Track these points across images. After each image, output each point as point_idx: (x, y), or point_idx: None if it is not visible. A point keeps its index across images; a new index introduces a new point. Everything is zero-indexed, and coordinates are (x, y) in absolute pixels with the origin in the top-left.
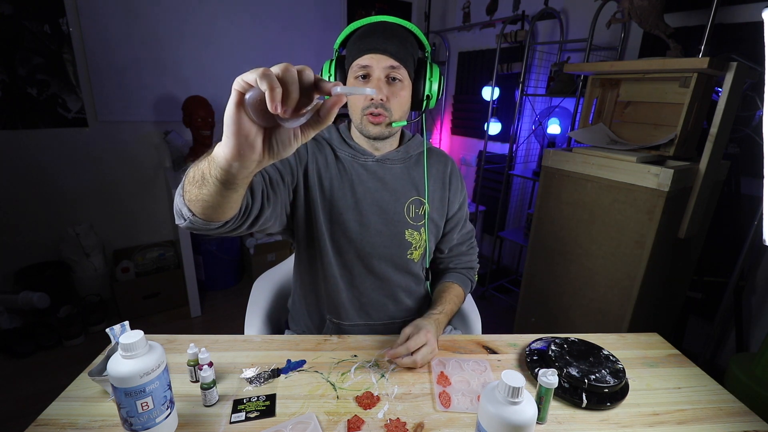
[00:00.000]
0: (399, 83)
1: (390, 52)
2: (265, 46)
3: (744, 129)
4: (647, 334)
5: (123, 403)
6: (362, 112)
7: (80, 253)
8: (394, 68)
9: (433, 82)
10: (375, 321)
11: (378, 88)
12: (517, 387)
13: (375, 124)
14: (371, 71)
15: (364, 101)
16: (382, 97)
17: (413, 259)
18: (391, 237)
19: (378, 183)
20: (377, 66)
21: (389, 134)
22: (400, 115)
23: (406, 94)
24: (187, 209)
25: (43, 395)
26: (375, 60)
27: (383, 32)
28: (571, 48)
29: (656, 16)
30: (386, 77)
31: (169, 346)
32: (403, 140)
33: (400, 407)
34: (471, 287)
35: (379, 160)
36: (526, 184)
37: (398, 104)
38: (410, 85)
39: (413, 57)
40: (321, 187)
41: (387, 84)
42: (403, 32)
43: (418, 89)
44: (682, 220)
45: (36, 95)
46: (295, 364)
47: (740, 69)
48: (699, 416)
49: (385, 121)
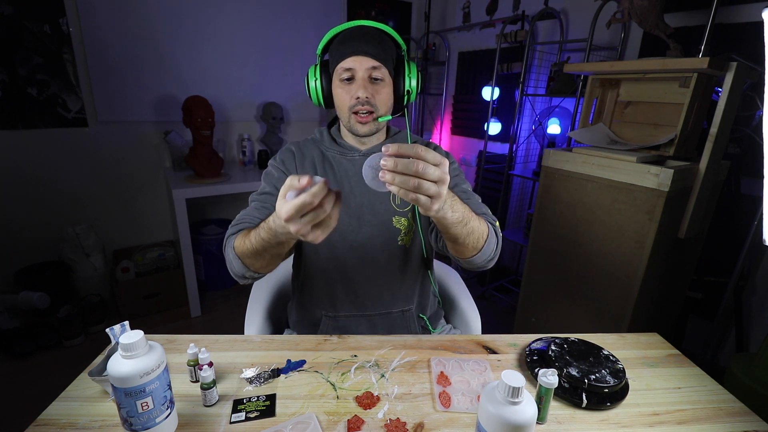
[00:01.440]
0: (381, 82)
1: (371, 54)
2: (266, 46)
3: (744, 129)
4: (647, 334)
5: (123, 403)
6: (349, 111)
7: (80, 253)
8: (376, 68)
9: (411, 78)
10: (371, 312)
11: (363, 88)
12: (517, 387)
13: (363, 123)
14: (355, 73)
15: (350, 100)
16: (367, 95)
17: (405, 244)
18: (380, 225)
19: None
20: (360, 67)
21: (377, 130)
22: (385, 110)
23: (388, 91)
24: (251, 272)
25: (43, 395)
26: (358, 62)
27: (363, 36)
28: (571, 48)
29: (656, 16)
30: (369, 77)
31: (169, 346)
32: (389, 134)
33: (400, 407)
34: (495, 232)
35: (366, 154)
36: (526, 184)
37: (382, 101)
38: (391, 83)
39: (392, 56)
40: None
41: (370, 83)
42: (380, 34)
43: (399, 86)
44: (682, 220)
45: (36, 95)
46: (295, 364)
47: (740, 69)
48: (699, 416)
49: (372, 117)
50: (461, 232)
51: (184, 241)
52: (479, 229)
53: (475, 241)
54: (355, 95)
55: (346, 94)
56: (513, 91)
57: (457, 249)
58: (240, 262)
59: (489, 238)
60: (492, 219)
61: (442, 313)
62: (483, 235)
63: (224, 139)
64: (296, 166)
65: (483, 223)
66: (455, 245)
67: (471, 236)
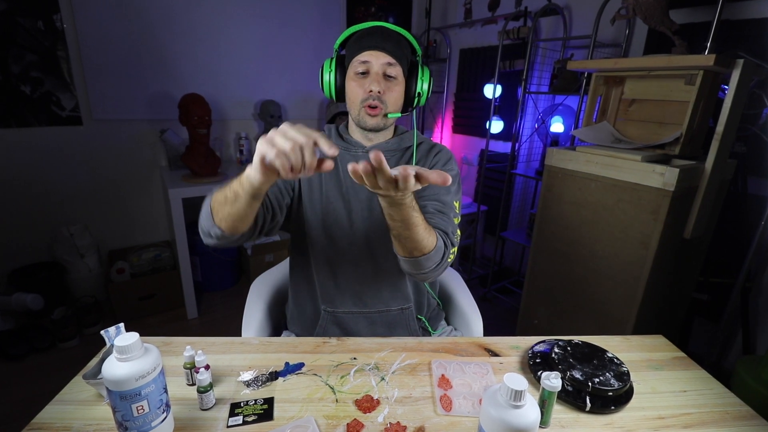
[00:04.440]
0: (394, 80)
1: (387, 50)
2: (263, 42)
3: (751, 127)
4: (652, 337)
5: (118, 407)
6: (361, 104)
7: (74, 254)
8: (391, 65)
9: (423, 81)
10: (371, 309)
11: (376, 82)
12: (520, 390)
13: (372, 116)
14: (370, 67)
15: (363, 94)
16: (380, 89)
17: None
18: (379, 222)
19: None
20: (376, 62)
21: (384, 126)
22: (395, 108)
23: (400, 89)
24: (217, 228)
25: (37, 398)
26: (374, 56)
27: (381, 33)
28: (574, 45)
29: (661, 12)
30: (383, 73)
31: (165, 348)
32: (396, 133)
33: (401, 411)
34: (444, 251)
35: (371, 151)
36: (528, 184)
37: (393, 98)
38: (404, 83)
39: (407, 58)
40: (309, 180)
41: (384, 79)
42: (398, 36)
43: (411, 87)
44: (688, 220)
45: (29, 93)
46: (294, 366)
47: (747, 66)
48: (705, 420)
49: (381, 112)
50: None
51: (180, 241)
52: (424, 227)
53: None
54: (368, 89)
55: (360, 87)
56: (515, 89)
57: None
58: (209, 211)
59: (430, 254)
60: (450, 241)
61: (442, 314)
62: (426, 236)
63: (221, 137)
64: None
65: (430, 230)
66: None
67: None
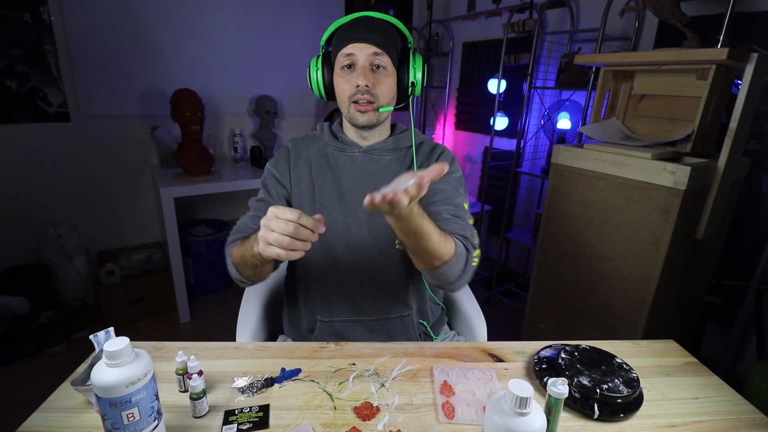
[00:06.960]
0: (383, 70)
1: (372, 40)
2: (259, 36)
3: (765, 124)
4: (663, 341)
5: (107, 414)
6: (349, 100)
7: (62, 255)
8: (378, 55)
9: (416, 69)
10: (369, 317)
11: (363, 76)
12: (525, 397)
13: (362, 112)
14: (356, 59)
15: (350, 89)
16: (368, 83)
17: (403, 248)
18: (378, 227)
19: (363, 174)
20: (361, 54)
21: (377, 121)
22: (387, 101)
23: (391, 80)
24: (246, 280)
25: (23, 405)
26: (359, 48)
27: (366, 23)
28: (582, 38)
29: (672, 5)
30: (370, 65)
31: (156, 353)
32: (393, 132)
33: (401, 419)
34: (466, 255)
35: (367, 151)
36: (534, 183)
37: (384, 91)
38: (395, 73)
39: (396, 46)
40: (304, 185)
41: (372, 72)
42: (384, 24)
43: (403, 77)
44: (700, 220)
45: (15, 88)
46: (290, 372)
47: (761, 60)
48: (718, 428)
49: (373, 107)
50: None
51: (172, 242)
52: (441, 242)
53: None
54: (355, 83)
55: (346, 83)
56: (521, 84)
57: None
58: (235, 269)
59: (451, 261)
60: (471, 245)
61: (445, 319)
62: (446, 246)
63: (215, 134)
64: (289, 167)
65: (449, 239)
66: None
67: (425, 253)
